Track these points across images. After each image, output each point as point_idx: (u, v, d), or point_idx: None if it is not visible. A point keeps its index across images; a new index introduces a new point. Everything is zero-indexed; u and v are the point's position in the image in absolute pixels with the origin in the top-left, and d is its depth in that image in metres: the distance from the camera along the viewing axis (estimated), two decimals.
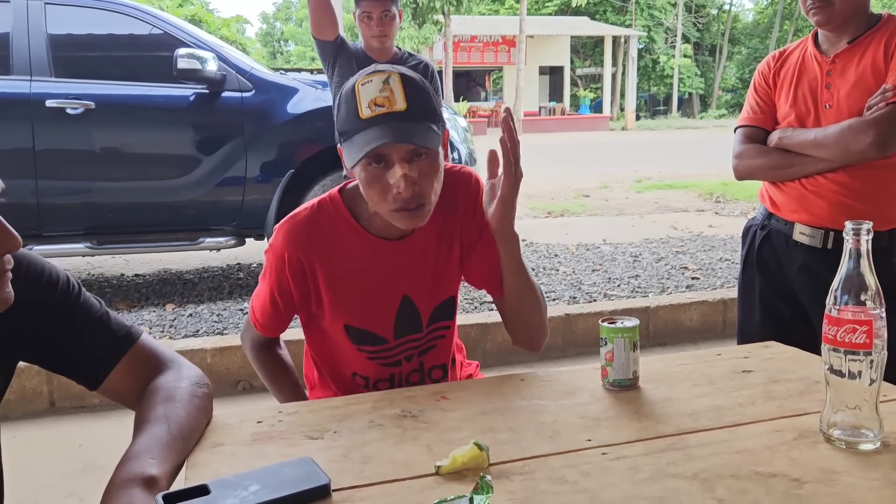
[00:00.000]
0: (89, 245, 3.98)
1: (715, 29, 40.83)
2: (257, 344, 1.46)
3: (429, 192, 1.21)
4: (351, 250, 1.30)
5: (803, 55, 1.83)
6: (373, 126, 1.16)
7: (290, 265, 1.30)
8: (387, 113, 1.16)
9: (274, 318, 1.38)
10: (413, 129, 1.17)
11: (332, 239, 1.30)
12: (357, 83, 1.19)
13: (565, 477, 0.91)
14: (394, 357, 1.38)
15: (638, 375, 1.20)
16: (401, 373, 1.39)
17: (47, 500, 2.22)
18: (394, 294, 1.34)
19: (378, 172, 1.19)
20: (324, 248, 1.30)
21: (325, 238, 1.30)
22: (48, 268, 1.06)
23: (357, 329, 1.35)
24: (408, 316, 1.36)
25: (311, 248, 1.30)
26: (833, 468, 0.92)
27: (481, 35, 28.86)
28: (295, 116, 4.13)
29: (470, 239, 1.37)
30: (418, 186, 1.19)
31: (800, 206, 1.80)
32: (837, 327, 0.96)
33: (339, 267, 1.31)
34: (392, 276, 1.33)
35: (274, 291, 1.34)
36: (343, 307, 1.33)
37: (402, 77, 1.18)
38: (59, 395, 2.91)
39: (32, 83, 3.87)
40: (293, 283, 1.31)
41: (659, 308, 3.68)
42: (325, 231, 1.30)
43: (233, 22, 29.30)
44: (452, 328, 1.43)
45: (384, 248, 1.31)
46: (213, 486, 0.86)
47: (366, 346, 1.36)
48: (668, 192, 8.80)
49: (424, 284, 1.35)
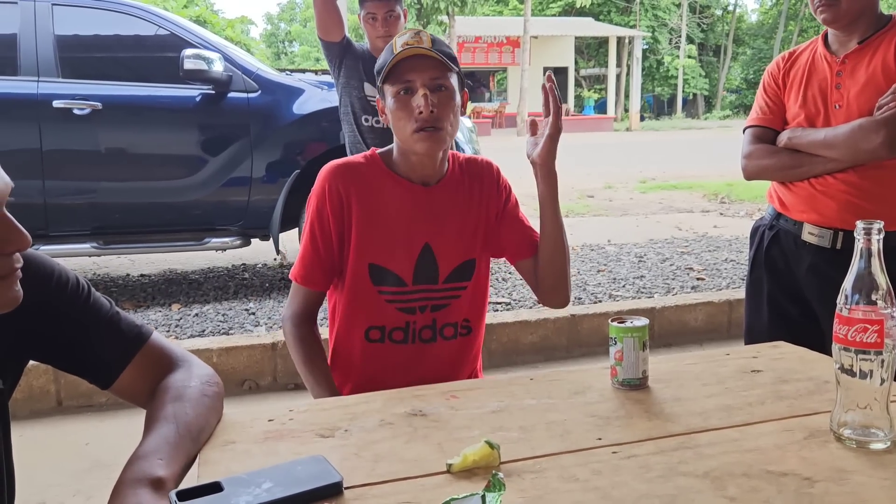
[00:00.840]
0: (95, 245, 3.99)
1: (719, 29, 40.78)
2: (297, 315, 1.50)
3: (445, 119, 1.41)
4: (383, 191, 1.46)
5: (813, 55, 1.83)
6: (403, 60, 1.39)
7: (330, 198, 1.45)
8: (415, 46, 1.39)
9: (315, 264, 1.48)
10: (437, 63, 1.39)
11: (368, 179, 1.47)
12: (395, 37, 1.42)
13: (576, 475, 0.92)
14: (409, 303, 1.48)
15: (647, 375, 1.21)
16: (415, 322, 1.49)
17: (54, 498, 2.23)
18: (417, 239, 1.47)
19: (405, 99, 1.40)
20: (360, 185, 1.46)
21: (362, 177, 1.47)
22: (58, 268, 1.06)
23: (380, 268, 1.47)
24: (427, 264, 1.48)
25: (350, 183, 1.46)
26: (844, 467, 0.92)
27: (485, 36, 28.86)
28: (301, 117, 4.14)
29: (492, 214, 1.54)
30: (437, 111, 1.39)
31: (809, 206, 1.80)
32: (848, 327, 0.96)
33: (371, 205, 1.46)
34: (416, 222, 1.47)
35: (315, 231, 1.47)
36: (370, 245, 1.46)
37: (432, 36, 1.42)
38: (66, 394, 2.92)
39: (40, 84, 3.89)
40: (332, 217, 1.45)
41: (664, 309, 3.68)
42: (362, 172, 1.48)
43: (237, 23, 29.38)
44: (469, 290, 1.52)
45: (413, 191, 1.47)
46: (226, 483, 0.87)
47: (385, 286, 1.47)
48: (673, 192, 8.79)
49: (445, 238, 1.49)
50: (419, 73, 1.38)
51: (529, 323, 3.45)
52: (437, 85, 1.40)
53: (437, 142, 1.41)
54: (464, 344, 1.55)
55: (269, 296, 4.14)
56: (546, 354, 3.46)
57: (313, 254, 1.47)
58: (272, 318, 3.65)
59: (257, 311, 3.78)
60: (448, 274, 1.49)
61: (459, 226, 1.50)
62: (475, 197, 1.52)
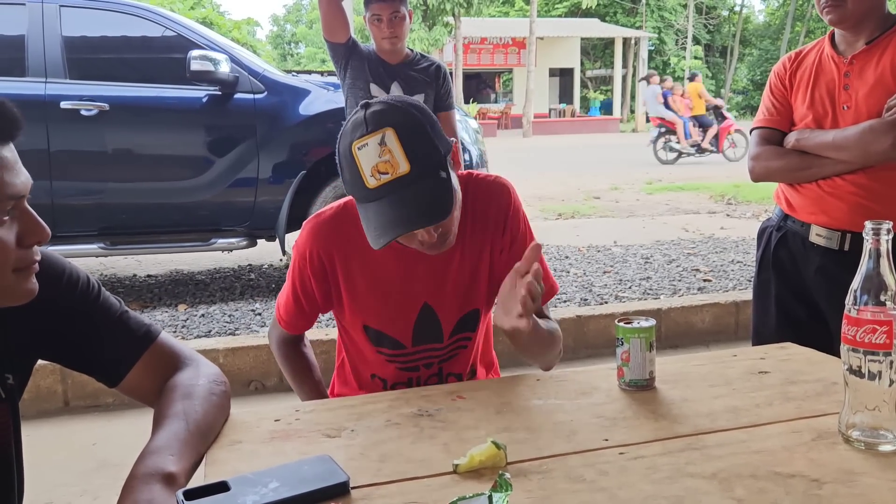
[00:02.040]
0: (102, 245, 4.00)
1: (726, 30, 40.68)
2: (283, 341, 1.48)
3: (452, 231, 1.23)
4: (372, 252, 1.25)
5: (820, 56, 1.82)
6: (383, 198, 1.14)
7: (311, 262, 1.33)
8: (393, 181, 1.13)
9: (297, 315, 1.41)
10: (425, 196, 1.15)
11: (353, 239, 1.30)
12: (353, 146, 1.14)
13: (583, 476, 0.91)
14: (412, 363, 1.39)
15: (654, 376, 1.20)
16: (419, 377, 1.41)
17: (61, 497, 2.24)
18: (414, 301, 1.35)
19: (408, 236, 1.20)
20: (345, 246, 1.32)
21: (347, 237, 1.31)
22: (69, 267, 1.07)
23: (376, 331, 1.37)
24: (428, 324, 1.36)
25: (333, 246, 1.32)
26: (852, 469, 0.91)
27: (491, 37, 28.85)
28: (307, 118, 4.14)
29: (497, 250, 1.36)
30: (441, 229, 1.21)
31: (817, 207, 1.79)
32: (857, 327, 0.96)
33: (359, 267, 1.33)
34: (413, 283, 1.34)
35: (297, 288, 1.37)
36: (362, 308, 1.35)
37: (396, 131, 1.13)
38: (73, 394, 2.93)
39: (47, 85, 3.91)
40: (314, 280, 1.34)
41: (671, 310, 3.67)
42: (347, 231, 1.31)
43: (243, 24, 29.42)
44: (475, 339, 1.43)
45: (405, 253, 1.30)
46: (233, 482, 0.87)
47: (384, 348, 1.38)
48: (679, 193, 8.77)
49: (446, 294, 1.35)
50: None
51: None
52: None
53: (446, 247, 1.25)
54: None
55: (275, 296, 4.14)
56: None
57: (295, 306, 1.39)
58: None
59: (263, 312, 3.79)
60: (452, 327, 1.37)
61: (461, 279, 1.35)
62: (479, 241, 1.34)
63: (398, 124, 1.14)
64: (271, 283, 4.52)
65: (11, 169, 0.88)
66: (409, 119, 1.16)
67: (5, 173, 0.87)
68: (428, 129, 1.17)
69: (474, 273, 1.36)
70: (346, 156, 1.16)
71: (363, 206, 1.19)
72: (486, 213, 1.34)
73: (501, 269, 1.32)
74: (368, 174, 1.13)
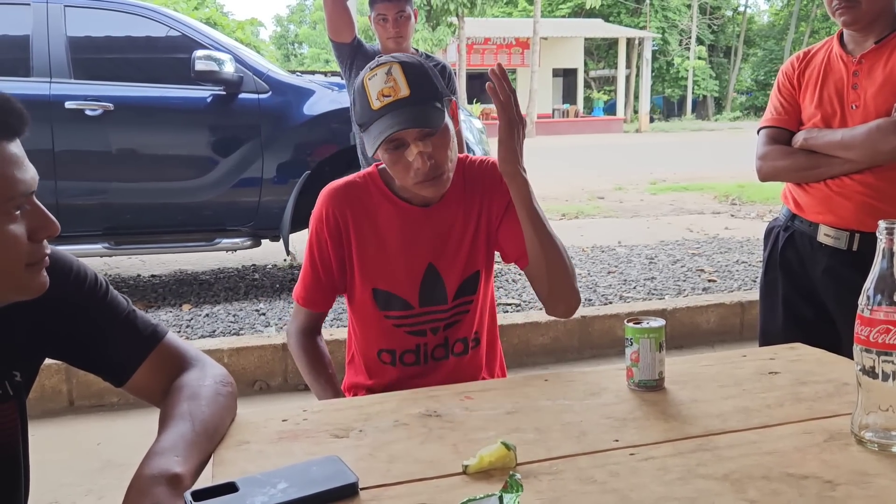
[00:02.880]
0: (107, 245, 4.01)
1: (730, 31, 40.60)
2: (301, 331, 1.51)
3: (444, 162, 1.34)
4: (381, 214, 1.42)
5: (828, 55, 1.81)
6: (384, 115, 1.30)
7: (327, 223, 1.42)
8: (394, 101, 1.29)
9: (315, 288, 1.47)
10: (419, 112, 1.30)
11: (365, 202, 1.43)
12: (364, 78, 1.33)
13: (594, 477, 0.91)
14: (419, 326, 1.46)
15: (664, 376, 1.19)
16: (426, 344, 1.47)
17: (66, 497, 2.24)
18: (419, 260, 1.44)
19: (397, 154, 1.32)
20: (357, 208, 1.43)
21: (359, 200, 1.44)
22: (76, 265, 1.07)
23: (384, 293, 1.44)
24: (433, 285, 1.45)
25: (346, 207, 1.43)
26: (866, 470, 0.91)
27: (495, 37, 28.83)
28: (311, 118, 4.14)
29: (494, 215, 1.46)
30: (434, 159, 1.32)
31: (824, 207, 1.78)
32: (870, 328, 0.95)
33: (369, 228, 1.43)
34: (417, 244, 1.43)
35: (315, 255, 1.45)
36: (371, 269, 1.43)
37: (402, 65, 1.31)
38: (77, 393, 2.93)
39: (52, 85, 3.91)
40: (331, 243, 1.43)
41: (676, 310, 3.66)
42: (359, 194, 1.44)
43: (247, 24, 29.43)
44: (476, 303, 1.50)
45: (411, 213, 1.43)
46: (241, 483, 0.86)
47: (392, 311, 1.45)
48: (684, 194, 8.76)
49: (449, 255, 1.45)
50: (405, 131, 1.29)
51: (540, 324, 3.43)
52: (427, 133, 1.31)
53: (441, 185, 1.35)
54: (474, 356, 1.52)
55: (279, 296, 4.14)
56: (557, 356, 3.45)
57: (313, 277, 1.46)
58: (282, 319, 3.65)
59: (267, 312, 3.78)
60: (456, 289, 1.46)
61: (462, 241, 1.45)
62: (476, 205, 1.46)
63: (404, 62, 1.33)
64: (275, 283, 4.52)
65: (20, 165, 0.89)
66: (415, 61, 1.35)
67: (15, 170, 0.87)
68: (430, 73, 1.35)
69: (474, 237, 1.46)
70: (359, 89, 1.34)
71: (367, 130, 1.33)
72: (482, 183, 1.47)
73: (498, 234, 1.47)
74: (374, 97, 1.30)
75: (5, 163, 0.87)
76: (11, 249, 0.89)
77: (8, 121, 0.87)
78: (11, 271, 0.90)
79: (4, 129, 0.87)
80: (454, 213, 1.44)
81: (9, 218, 0.88)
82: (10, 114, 0.87)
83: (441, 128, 1.33)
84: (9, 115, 0.87)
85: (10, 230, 0.88)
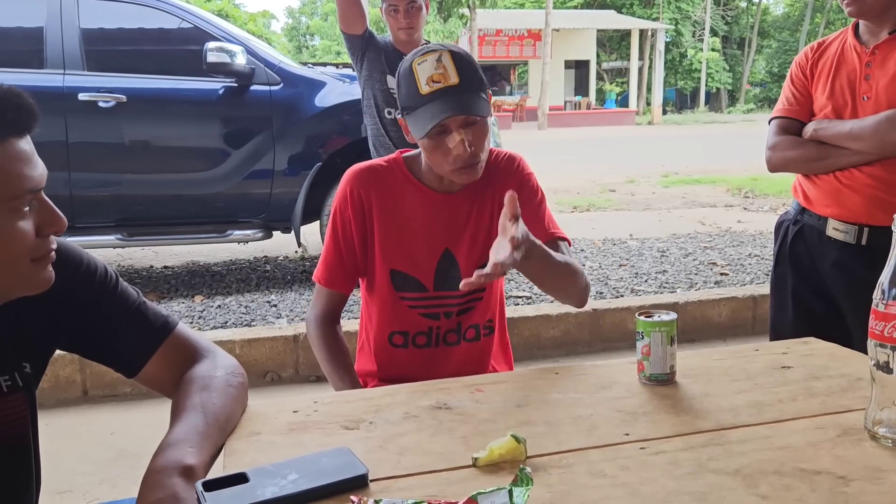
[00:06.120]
0: (120, 237, 4.03)
1: (744, 22, 40.24)
2: (321, 319, 1.52)
3: (482, 150, 1.38)
4: (403, 198, 1.47)
5: (842, 46, 1.79)
6: (433, 101, 1.33)
7: (351, 201, 1.46)
8: (444, 87, 1.33)
9: (338, 266, 1.49)
10: (467, 100, 1.34)
11: (390, 183, 1.48)
12: (413, 63, 1.36)
13: (604, 471, 0.90)
14: (433, 308, 1.49)
15: (675, 370, 1.19)
16: (439, 328, 1.50)
17: (80, 486, 2.26)
18: (436, 245, 1.48)
19: (439, 139, 1.35)
20: (381, 189, 1.47)
21: (383, 182, 1.48)
22: (86, 257, 1.07)
23: (401, 274, 1.48)
24: (448, 269, 1.47)
25: (371, 187, 1.47)
26: (879, 466, 0.90)
27: (507, 29, 28.73)
28: (323, 110, 4.14)
29: None
30: (474, 147, 1.35)
31: (833, 200, 1.76)
32: (885, 322, 0.94)
33: (391, 210, 1.47)
34: (436, 228, 1.47)
35: (338, 234, 1.48)
36: (391, 250, 1.47)
37: (452, 54, 1.35)
38: (91, 383, 2.95)
39: (66, 77, 3.93)
40: (354, 220, 1.46)
41: (687, 304, 3.64)
42: (383, 176, 1.48)
43: (259, 16, 29.49)
44: (489, 293, 1.53)
45: (433, 198, 1.47)
46: (251, 474, 0.87)
47: (407, 292, 1.48)
48: (696, 187, 8.70)
49: (466, 242, 1.48)
50: (453, 118, 1.33)
51: (551, 317, 3.43)
52: (472, 121, 1.35)
53: (475, 173, 1.39)
54: (487, 343, 1.56)
55: (290, 288, 4.16)
56: (568, 349, 3.45)
57: (335, 256, 1.49)
58: (294, 311, 3.66)
59: (279, 304, 3.80)
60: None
61: (479, 230, 1.49)
62: (494, 196, 1.48)
63: (454, 51, 1.36)
64: (287, 274, 4.53)
65: (29, 161, 0.88)
66: (464, 53, 1.38)
67: (23, 167, 0.87)
68: (476, 64, 1.39)
69: (489, 228, 1.47)
70: (406, 73, 1.37)
71: (414, 113, 1.36)
72: (500, 175, 1.50)
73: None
74: (423, 83, 1.34)
75: (14, 160, 0.86)
76: (18, 245, 0.89)
77: (18, 117, 0.87)
78: (17, 266, 0.90)
79: (14, 125, 0.86)
80: (473, 202, 1.48)
81: (16, 214, 0.88)
82: (19, 110, 0.87)
83: (483, 118, 1.38)
84: (18, 111, 0.86)
85: (18, 226, 0.88)
